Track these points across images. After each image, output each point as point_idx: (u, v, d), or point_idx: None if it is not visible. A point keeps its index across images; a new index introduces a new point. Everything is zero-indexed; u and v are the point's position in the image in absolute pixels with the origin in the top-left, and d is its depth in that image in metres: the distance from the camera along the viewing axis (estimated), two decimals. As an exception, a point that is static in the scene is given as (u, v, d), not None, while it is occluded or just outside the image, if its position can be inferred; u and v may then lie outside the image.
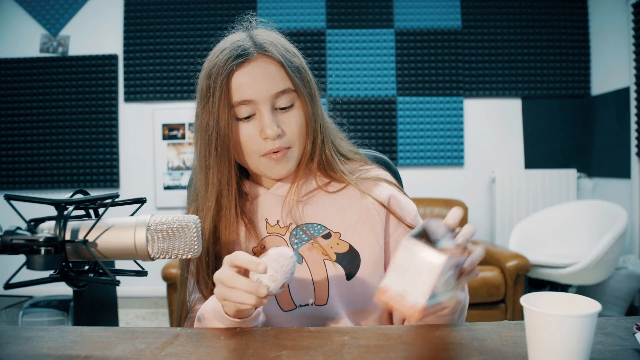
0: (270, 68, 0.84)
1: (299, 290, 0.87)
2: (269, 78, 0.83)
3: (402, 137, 3.55)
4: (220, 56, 0.85)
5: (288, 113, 0.86)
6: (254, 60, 0.84)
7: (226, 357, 0.65)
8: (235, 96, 0.83)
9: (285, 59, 0.85)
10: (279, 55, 0.84)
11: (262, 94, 0.83)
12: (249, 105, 0.84)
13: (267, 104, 0.84)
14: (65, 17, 3.56)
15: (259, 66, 0.84)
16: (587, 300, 0.57)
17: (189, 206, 0.95)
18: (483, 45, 3.56)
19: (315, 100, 0.89)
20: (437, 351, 0.65)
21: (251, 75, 0.83)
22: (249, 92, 0.83)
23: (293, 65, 0.86)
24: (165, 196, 3.55)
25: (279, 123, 0.85)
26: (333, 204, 0.90)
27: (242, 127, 0.85)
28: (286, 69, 0.84)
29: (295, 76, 0.85)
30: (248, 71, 0.83)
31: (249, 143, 0.85)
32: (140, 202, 0.71)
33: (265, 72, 0.83)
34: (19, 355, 0.66)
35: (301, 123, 0.87)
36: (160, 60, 3.57)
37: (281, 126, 0.85)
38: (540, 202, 3.47)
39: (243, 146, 0.86)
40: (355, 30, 3.55)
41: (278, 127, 0.84)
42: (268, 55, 0.84)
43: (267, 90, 0.83)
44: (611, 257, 2.64)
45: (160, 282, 2.66)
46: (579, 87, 3.55)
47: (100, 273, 0.69)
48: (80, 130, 3.57)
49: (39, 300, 2.63)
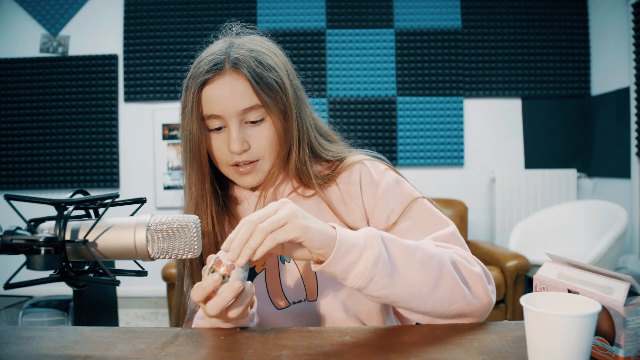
0: (238, 84, 0.84)
1: (291, 287, 0.88)
2: (236, 94, 0.84)
3: (402, 137, 3.55)
4: (196, 68, 0.87)
5: (258, 127, 0.87)
6: (223, 76, 0.84)
7: (226, 357, 0.65)
8: (205, 109, 0.85)
9: (256, 75, 0.84)
10: (249, 71, 0.84)
11: (228, 110, 0.84)
12: (218, 119, 0.85)
13: (234, 119, 0.85)
14: (65, 17, 3.56)
15: (227, 82, 0.84)
16: (587, 300, 0.57)
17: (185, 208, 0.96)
18: (483, 45, 3.56)
19: (289, 117, 0.88)
20: (437, 351, 0.65)
21: (219, 90, 0.84)
22: (217, 107, 0.84)
23: (264, 82, 0.85)
24: (165, 196, 3.55)
25: (247, 137, 0.86)
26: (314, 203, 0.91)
27: (213, 137, 0.87)
28: (253, 86, 0.84)
29: (264, 93, 0.84)
30: (217, 86, 0.84)
31: (219, 154, 0.87)
32: (140, 202, 0.71)
33: (232, 88, 0.84)
34: (19, 355, 0.66)
35: (271, 137, 0.87)
36: (160, 60, 3.57)
37: (249, 140, 0.86)
38: (540, 202, 3.47)
39: (214, 156, 0.88)
40: (355, 30, 3.55)
41: (244, 142, 0.85)
42: (237, 71, 0.84)
43: (234, 107, 0.84)
44: (611, 257, 2.64)
45: (160, 282, 2.67)
46: (579, 87, 3.55)
47: (100, 273, 0.69)
48: (80, 130, 3.57)
49: (39, 300, 2.63)
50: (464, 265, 0.76)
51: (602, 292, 0.60)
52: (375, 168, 0.92)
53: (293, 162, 0.90)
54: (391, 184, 0.90)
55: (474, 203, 3.55)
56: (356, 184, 0.91)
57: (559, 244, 3.10)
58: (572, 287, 0.63)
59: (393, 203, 0.88)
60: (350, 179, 0.91)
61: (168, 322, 3.19)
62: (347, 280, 0.69)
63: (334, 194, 0.91)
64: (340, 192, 0.91)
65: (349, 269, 0.68)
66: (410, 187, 0.91)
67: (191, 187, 0.89)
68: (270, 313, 0.87)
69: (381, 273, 0.69)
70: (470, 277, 0.76)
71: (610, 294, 0.59)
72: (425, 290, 0.71)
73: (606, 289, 0.60)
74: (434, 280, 0.71)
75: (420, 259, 0.72)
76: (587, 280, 0.62)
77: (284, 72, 0.89)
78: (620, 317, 0.57)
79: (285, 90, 0.88)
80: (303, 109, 0.92)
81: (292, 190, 0.92)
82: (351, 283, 0.69)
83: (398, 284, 0.70)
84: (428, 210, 0.88)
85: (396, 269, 0.70)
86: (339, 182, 0.92)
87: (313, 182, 0.90)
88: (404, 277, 0.70)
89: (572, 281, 0.64)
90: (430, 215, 0.87)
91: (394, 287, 0.70)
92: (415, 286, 0.71)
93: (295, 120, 0.89)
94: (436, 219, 0.87)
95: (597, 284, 0.61)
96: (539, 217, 3.23)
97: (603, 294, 0.59)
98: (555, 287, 0.65)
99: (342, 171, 0.92)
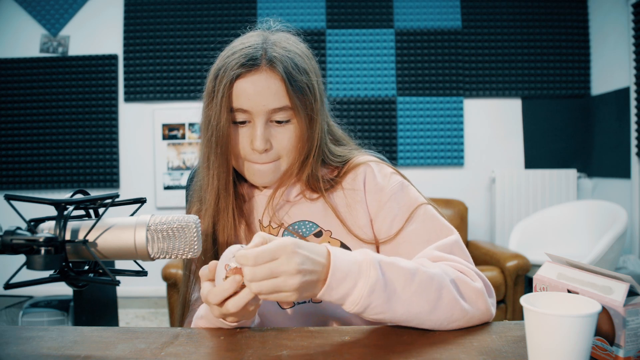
0: (273, 83, 0.83)
1: None
2: (269, 93, 0.83)
3: (402, 137, 3.55)
4: (230, 58, 0.85)
5: (283, 128, 0.86)
6: (258, 72, 0.83)
7: (226, 357, 0.65)
8: (234, 102, 0.84)
9: (290, 76, 0.84)
10: (285, 72, 0.83)
11: (258, 107, 0.84)
12: (245, 113, 0.85)
13: (262, 117, 0.84)
14: (65, 17, 3.56)
15: (262, 79, 0.83)
16: (587, 300, 0.57)
17: (190, 205, 0.96)
18: (483, 45, 3.56)
19: (314, 122, 0.88)
20: (437, 351, 0.65)
21: (253, 87, 0.83)
22: (247, 102, 0.84)
23: (297, 85, 0.85)
24: (165, 196, 3.55)
25: (270, 136, 0.86)
26: (320, 206, 0.91)
27: (236, 130, 0.87)
28: (287, 87, 0.83)
29: (296, 96, 0.84)
30: (251, 81, 0.83)
31: (238, 148, 0.87)
32: (140, 202, 0.71)
33: (266, 86, 0.83)
34: (19, 355, 0.66)
35: (294, 139, 0.87)
36: (160, 60, 3.57)
37: (272, 139, 0.86)
38: (540, 202, 3.47)
39: (234, 149, 0.87)
40: (355, 30, 3.55)
41: (267, 141, 0.85)
42: (274, 69, 0.83)
43: (265, 105, 0.84)
44: (611, 257, 2.64)
45: (160, 282, 2.66)
46: (579, 87, 3.55)
47: (100, 273, 0.69)
48: (80, 130, 3.57)
49: (39, 300, 2.63)
50: (464, 282, 0.76)
51: (601, 292, 0.60)
52: (380, 171, 0.92)
53: (309, 167, 0.89)
54: (396, 188, 0.89)
55: (474, 203, 3.55)
56: (361, 190, 0.90)
57: (559, 244, 3.10)
58: (571, 287, 0.63)
59: (397, 208, 0.87)
60: (355, 183, 0.91)
61: (168, 322, 3.19)
62: (344, 305, 0.69)
63: (339, 198, 0.91)
64: (345, 197, 0.91)
65: (344, 297, 0.68)
66: (415, 193, 0.90)
67: (214, 178, 0.87)
68: (274, 312, 0.87)
69: (378, 300, 0.68)
70: (471, 294, 0.75)
71: (610, 294, 0.59)
72: (424, 312, 0.71)
73: (606, 289, 0.60)
74: (433, 303, 0.71)
75: (419, 283, 0.71)
76: (587, 280, 0.62)
77: (314, 77, 0.89)
78: (620, 317, 0.57)
79: (314, 96, 0.88)
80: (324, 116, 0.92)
81: (300, 193, 0.92)
82: (348, 309, 0.69)
83: (395, 308, 0.69)
84: (432, 217, 0.87)
85: (394, 293, 0.69)
86: (345, 187, 0.91)
87: (320, 186, 0.90)
88: (402, 301, 0.70)
89: (572, 281, 0.64)
90: (434, 223, 0.86)
91: (391, 312, 0.70)
92: (414, 310, 0.70)
93: (318, 127, 0.89)
94: (440, 227, 0.86)
95: (597, 284, 0.61)
96: (539, 217, 3.23)
97: (603, 294, 0.59)
98: (555, 287, 0.65)
99: (347, 173, 0.92)
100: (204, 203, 0.89)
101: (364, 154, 0.97)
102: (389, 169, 0.93)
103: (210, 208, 0.88)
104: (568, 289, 0.64)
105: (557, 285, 0.65)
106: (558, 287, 0.65)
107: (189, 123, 3.54)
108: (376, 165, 0.93)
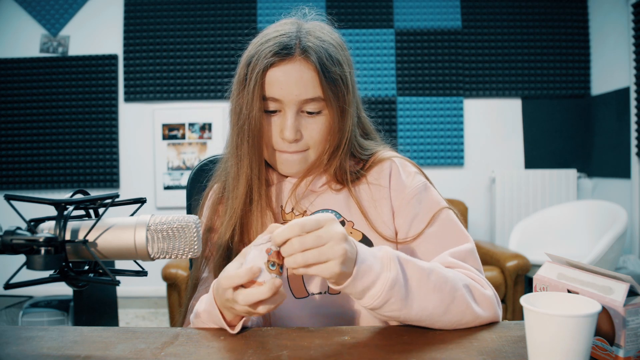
0: (306, 73, 0.83)
1: (313, 278, 0.87)
2: (302, 83, 0.83)
3: (402, 137, 3.55)
4: (263, 46, 0.84)
5: (313, 119, 0.86)
6: (292, 61, 0.83)
7: (226, 357, 0.65)
8: (267, 91, 0.84)
9: (324, 67, 0.83)
10: (319, 62, 0.83)
11: (290, 97, 0.83)
12: (276, 102, 0.84)
13: (293, 107, 0.84)
14: (65, 17, 3.56)
15: (295, 69, 0.83)
16: (587, 301, 0.57)
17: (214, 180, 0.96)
18: (483, 45, 3.56)
19: (346, 114, 0.87)
20: (437, 351, 0.65)
21: (286, 76, 0.83)
22: (279, 91, 0.83)
23: (330, 76, 0.84)
24: (165, 196, 3.55)
25: (301, 126, 0.85)
26: (344, 197, 0.91)
27: (266, 118, 0.86)
28: (321, 78, 0.83)
29: (329, 87, 0.84)
30: (284, 71, 0.83)
31: (268, 136, 0.86)
32: (140, 202, 0.71)
33: (300, 76, 0.82)
34: (19, 355, 0.66)
35: (324, 131, 0.87)
36: (160, 60, 3.57)
37: (302, 129, 0.86)
38: (540, 202, 3.47)
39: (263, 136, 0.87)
40: (355, 30, 3.55)
41: (298, 131, 0.85)
42: (307, 59, 0.83)
43: (297, 95, 0.83)
44: (611, 257, 2.64)
45: (160, 282, 2.66)
46: (579, 87, 3.55)
47: (100, 273, 0.69)
48: (80, 130, 3.57)
49: (39, 300, 2.63)
50: (476, 288, 0.77)
51: (601, 293, 0.60)
52: (404, 168, 0.92)
53: (338, 159, 0.89)
54: (420, 188, 0.89)
55: (474, 203, 3.55)
56: (386, 187, 0.90)
57: (559, 244, 3.10)
58: (571, 287, 0.63)
59: (418, 208, 0.88)
60: (380, 179, 0.91)
61: (168, 322, 3.19)
62: (362, 300, 0.68)
63: (364, 192, 0.91)
64: (370, 191, 0.90)
65: (365, 290, 0.67)
66: (437, 195, 0.91)
67: (246, 167, 0.86)
68: (288, 301, 0.85)
69: (397, 296, 0.68)
70: (483, 299, 0.76)
71: (610, 294, 0.59)
72: (437, 313, 0.71)
73: (606, 289, 0.60)
74: (447, 304, 0.71)
75: (434, 282, 0.71)
76: (587, 280, 0.62)
77: (348, 68, 0.88)
78: (620, 317, 0.57)
79: (347, 87, 0.87)
80: (355, 108, 0.92)
81: (325, 183, 0.91)
82: (366, 303, 0.68)
83: (411, 307, 0.70)
84: (452, 222, 0.87)
85: (411, 291, 0.69)
86: (370, 181, 0.91)
87: (347, 177, 0.90)
88: (417, 300, 0.70)
89: (572, 281, 0.64)
90: (453, 228, 0.87)
91: (407, 309, 0.70)
92: (428, 309, 0.70)
93: (350, 119, 0.88)
94: (458, 233, 0.86)
95: (597, 284, 0.61)
96: (539, 217, 3.23)
97: (603, 294, 0.59)
98: (555, 287, 0.66)
99: (373, 167, 0.92)
100: (234, 190, 0.88)
101: (389, 150, 0.97)
102: (412, 167, 0.93)
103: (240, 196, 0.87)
104: (568, 289, 0.64)
105: (557, 285, 0.65)
106: (558, 287, 0.65)
107: (189, 123, 3.54)
108: (400, 161, 0.93)
